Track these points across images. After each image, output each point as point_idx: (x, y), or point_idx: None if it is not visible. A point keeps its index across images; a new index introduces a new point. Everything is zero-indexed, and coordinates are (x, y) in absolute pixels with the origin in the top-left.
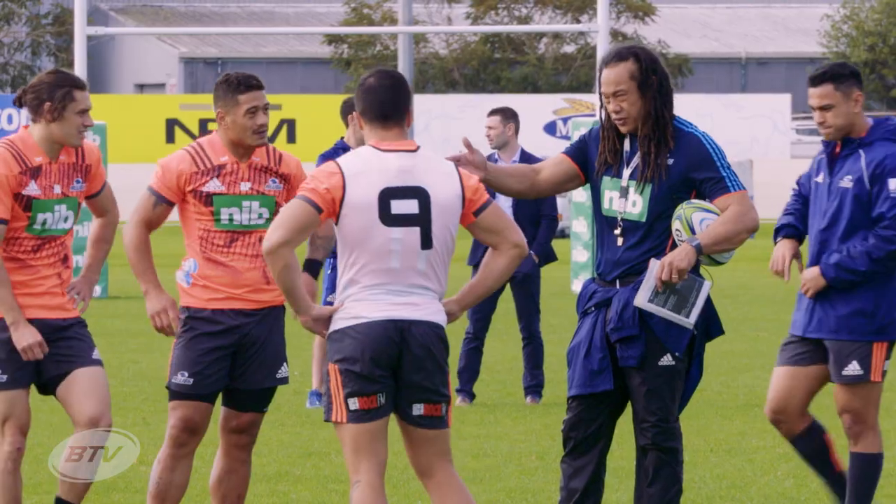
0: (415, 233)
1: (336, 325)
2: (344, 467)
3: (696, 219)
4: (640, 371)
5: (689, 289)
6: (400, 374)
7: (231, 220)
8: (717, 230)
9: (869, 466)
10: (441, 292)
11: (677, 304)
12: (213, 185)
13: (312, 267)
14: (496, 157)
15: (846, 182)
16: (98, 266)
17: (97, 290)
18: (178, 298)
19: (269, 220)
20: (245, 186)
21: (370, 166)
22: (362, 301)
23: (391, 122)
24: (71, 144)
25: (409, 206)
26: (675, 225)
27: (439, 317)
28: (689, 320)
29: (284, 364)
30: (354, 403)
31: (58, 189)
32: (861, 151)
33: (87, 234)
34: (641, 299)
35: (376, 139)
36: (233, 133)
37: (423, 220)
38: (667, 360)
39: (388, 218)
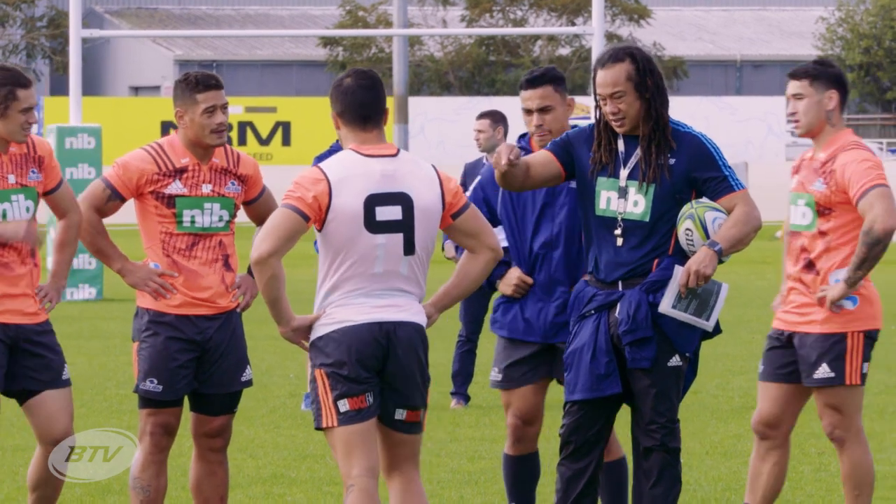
0: (398, 239)
1: (319, 331)
2: (339, 469)
3: (708, 218)
4: (649, 373)
5: (709, 293)
6: (385, 377)
7: (193, 222)
8: (731, 232)
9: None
10: (421, 295)
11: (698, 308)
12: (175, 188)
13: None
14: (485, 160)
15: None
16: (65, 271)
17: (92, 292)
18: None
19: (227, 224)
20: (206, 188)
21: (354, 172)
22: (345, 306)
23: (371, 123)
24: (16, 141)
25: (394, 213)
26: (686, 224)
27: (421, 318)
28: (709, 323)
29: (248, 367)
30: (344, 405)
31: (12, 179)
32: None
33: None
34: (666, 305)
35: (357, 142)
36: (191, 132)
37: (406, 226)
38: (675, 360)
39: (373, 225)
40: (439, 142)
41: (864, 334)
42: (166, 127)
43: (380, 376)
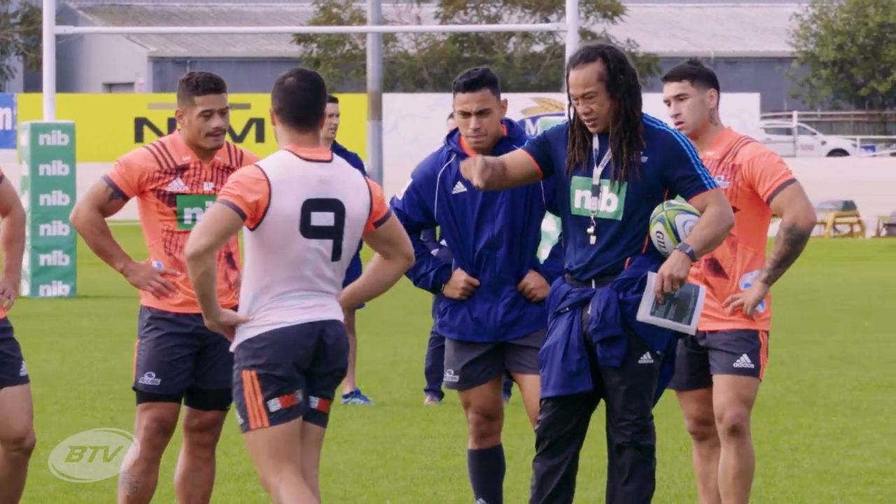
0: (329, 244)
1: (250, 332)
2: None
3: (679, 221)
4: (619, 370)
5: (687, 296)
6: (311, 373)
7: (194, 220)
8: (704, 234)
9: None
10: (338, 295)
11: (678, 312)
12: (177, 185)
13: None
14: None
15: None
16: (18, 266)
17: (65, 289)
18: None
19: None
20: (208, 186)
21: (294, 175)
22: (276, 309)
23: (306, 125)
24: None
25: (327, 219)
26: (657, 227)
27: (341, 316)
28: (691, 327)
29: None
30: (276, 404)
31: None
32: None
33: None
34: (644, 313)
35: (293, 144)
36: (189, 133)
37: (336, 232)
38: (646, 358)
39: (307, 229)
40: (413, 138)
41: (767, 334)
42: (140, 124)
43: (307, 373)
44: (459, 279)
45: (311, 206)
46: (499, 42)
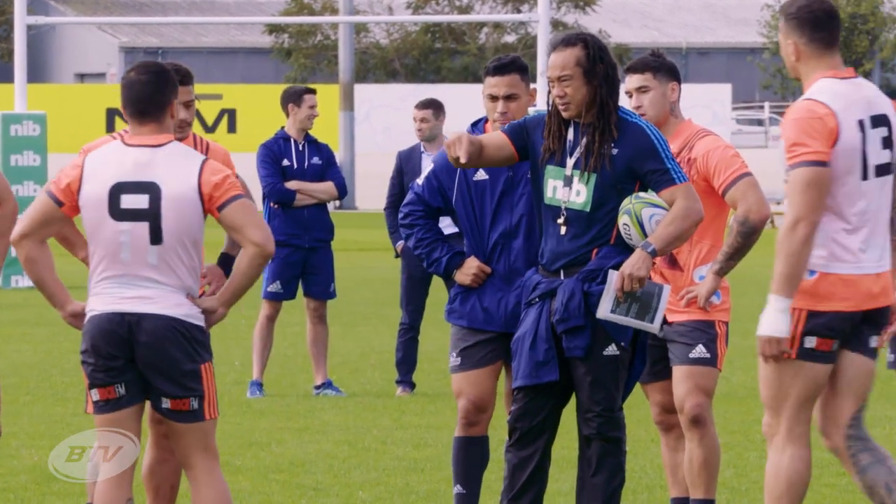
0: (143, 228)
1: (85, 318)
2: (284, 457)
3: (645, 215)
4: (584, 361)
5: (650, 295)
6: (138, 367)
7: None
8: (668, 230)
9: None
10: (183, 286)
11: (640, 310)
12: None
13: (225, 261)
14: (422, 148)
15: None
16: (2, 260)
17: None
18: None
19: None
20: None
21: (109, 160)
22: (96, 295)
23: (147, 118)
24: None
25: (139, 201)
26: (624, 220)
27: (178, 310)
28: (654, 325)
29: None
30: (95, 395)
31: None
32: None
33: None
34: (604, 311)
35: (131, 133)
36: None
37: (152, 215)
38: (611, 349)
39: (116, 212)
40: (385, 129)
41: (725, 324)
42: (111, 114)
43: (133, 366)
44: (472, 265)
45: (120, 189)
46: (470, 32)
